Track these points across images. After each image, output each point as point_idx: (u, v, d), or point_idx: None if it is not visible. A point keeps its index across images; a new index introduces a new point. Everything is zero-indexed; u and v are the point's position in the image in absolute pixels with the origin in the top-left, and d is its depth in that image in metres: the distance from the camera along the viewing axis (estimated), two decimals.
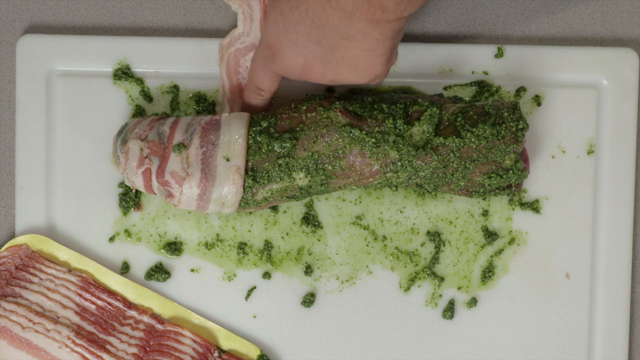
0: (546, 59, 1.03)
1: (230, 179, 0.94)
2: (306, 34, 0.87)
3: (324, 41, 0.87)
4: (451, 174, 0.96)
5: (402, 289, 1.03)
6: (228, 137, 0.95)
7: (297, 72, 0.90)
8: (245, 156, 0.95)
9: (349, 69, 0.89)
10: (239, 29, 1.01)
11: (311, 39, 0.87)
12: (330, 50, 0.88)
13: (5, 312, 0.99)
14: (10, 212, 1.05)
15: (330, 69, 0.89)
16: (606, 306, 1.03)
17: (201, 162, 0.95)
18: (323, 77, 0.90)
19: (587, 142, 1.03)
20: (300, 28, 0.87)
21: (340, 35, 0.86)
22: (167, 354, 1.00)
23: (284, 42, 0.89)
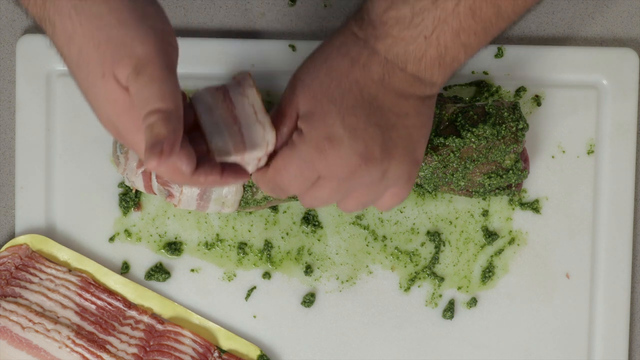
0: (546, 59, 1.03)
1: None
2: (365, 116, 0.82)
3: (382, 121, 0.82)
4: (451, 174, 0.96)
5: (402, 289, 1.03)
6: None
7: (353, 162, 0.82)
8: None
9: (400, 152, 0.84)
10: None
11: (370, 120, 0.82)
12: (387, 130, 0.82)
13: (5, 312, 0.99)
14: (10, 212, 1.05)
15: (386, 153, 0.83)
16: (606, 306, 1.03)
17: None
18: (380, 164, 0.83)
19: (587, 142, 1.03)
20: (359, 111, 0.81)
21: (396, 114, 0.82)
22: (167, 354, 1.00)
23: (343, 130, 0.82)
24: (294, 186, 0.85)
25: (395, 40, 0.80)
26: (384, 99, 0.82)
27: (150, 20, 0.77)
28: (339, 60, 0.82)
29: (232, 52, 1.03)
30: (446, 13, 0.79)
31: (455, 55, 0.81)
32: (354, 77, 0.82)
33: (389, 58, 0.81)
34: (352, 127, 0.82)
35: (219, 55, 1.03)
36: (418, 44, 0.80)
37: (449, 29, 0.79)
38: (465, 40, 0.80)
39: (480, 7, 0.78)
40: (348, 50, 0.82)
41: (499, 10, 0.79)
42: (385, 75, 0.81)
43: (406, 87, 0.82)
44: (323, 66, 0.83)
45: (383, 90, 0.82)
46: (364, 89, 0.82)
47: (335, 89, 0.82)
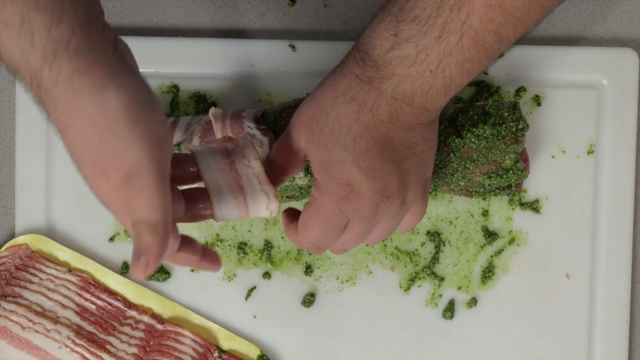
0: (546, 59, 1.03)
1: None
2: (379, 156, 0.83)
3: (395, 157, 0.84)
4: (451, 174, 0.96)
5: (402, 289, 1.03)
6: None
7: (376, 200, 0.85)
8: None
9: (414, 179, 0.86)
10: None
11: (384, 158, 0.84)
12: (401, 163, 0.85)
13: (5, 312, 0.99)
14: (10, 212, 1.05)
15: (403, 182, 0.85)
16: (606, 306, 1.03)
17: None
18: (399, 193, 0.85)
19: (587, 142, 1.03)
20: (372, 154, 0.83)
21: (406, 146, 0.84)
22: (167, 354, 1.00)
23: (361, 174, 0.84)
24: (325, 239, 0.87)
25: (402, 79, 0.81)
26: (394, 136, 0.84)
27: (144, 125, 0.75)
28: (346, 106, 0.83)
29: (232, 52, 1.03)
30: (450, 47, 0.80)
31: (460, 82, 0.82)
32: (364, 122, 0.83)
33: (395, 96, 0.82)
34: (369, 169, 0.84)
35: (219, 55, 1.03)
36: (425, 79, 0.81)
37: (454, 61, 0.80)
38: (469, 68, 0.81)
39: (483, 37, 0.79)
40: (355, 95, 0.83)
41: (500, 37, 0.80)
42: (394, 113, 0.83)
43: (414, 119, 0.83)
44: (331, 113, 0.84)
45: (393, 128, 0.83)
46: (374, 131, 0.83)
47: (346, 136, 0.83)
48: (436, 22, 0.79)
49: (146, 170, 0.74)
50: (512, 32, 0.80)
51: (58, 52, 0.72)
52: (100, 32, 0.75)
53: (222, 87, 1.03)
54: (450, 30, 0.79)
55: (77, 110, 0.74)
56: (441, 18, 0.79)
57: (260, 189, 0.84)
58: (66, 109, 0.74)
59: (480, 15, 0.78)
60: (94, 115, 0.74)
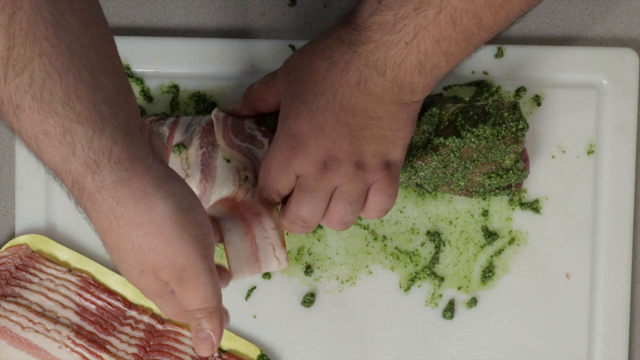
0: (546, 59, 1.03)
1: (231, 180, 0.94)
2: (335, 117, 0.85)
3: (353, 121, 0.86)
4: (451, 174, 0.96)
5: (402, 289, 1.03)
6: None
7: (322, 156, 0.87)
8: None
9: (372, 148, 0.87)
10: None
11: (340, 120, 0.86)
12: (358, 129, 0.86)
13: (5, 312, 0.99)
14: (10, 212, 1.05)
15: (357, 147, 0.87)
16: (606, 306, 1.03)
17: (201, 163, 0.95)
18: (350, 156, 0.87)
19: (587, 142, 1.03)
20: (327, 112, 0.85)
21: (369, 116, 0.86)
22: (167, 354, 1.00)
23: (310, 128, 0.86)
24: (279, 185, 0.89)
25: (377, 45, 0.82)
26: (356, 102, 0.85)
27: (193, 229, 0.78)
28: (321, 63, 0.86)
29: (232, 52, 1.03)
30: (427, 20, 0.80)
31: (436, 62, 0.82)
32: (330, 80, 0.85)
33: (369, 63, 0.83)
34: (320, 125, 0.86)
35: (219, 55, 1.03)
36: (399, 49, 0.82)
37: (430, 36, 0.81)
38: (446, 48, 0.82)
39: (460, 17, 0.80)
40: (331, 53, 0.85)
41: (480, 21, 0.80)
42: (362, 80, 0.84)
43: (382, 92, 0.84)
44: (307, 66, 0.86)
45: (357, 94, 0.85)
46: (337, 92, 0.85)
47: (310, 91, 0.86)
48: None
49: (198, 268, 0.78)
50: (492, 18, 0.80)
51: (100, 162, 0.73)
52: (139, 138, 0.75)
53: (222, 87, 1.03)
54: (429, 3, 0.80)
55: (122, 216, 0.75)
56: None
57: (273, 255, 0.91)
58: (109, 214, 0.75)
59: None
60: (140, 221, 0.76)
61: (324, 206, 0.89)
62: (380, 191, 0.89)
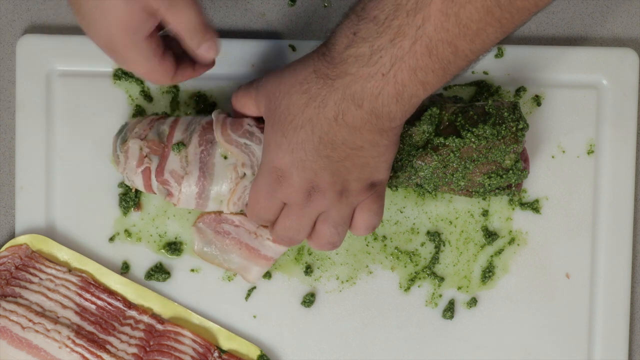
0: (546, 59, 1.03)
1: (228, 177, 0.95)
2: (315, 150, 0.86)
3: (334, 154, 0.86)
4: (451, 174, 0.96)
5: (402, 289, 1.03)
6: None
7: (305, 188, 0.88)
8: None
9: (355, 176, 0.88)
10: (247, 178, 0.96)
11: (320, 154, 0.86)
12: (339, 160, 0.87)
13: (5, 312, 0.99)
14: (10, 212, 1.05)
15: (339, 178, 0.88)
16: (606, 306, 1.03)
17: (200, 160, 0.95)
18: (333, 186, 0.88)
19: (587, 142, 1.03)
20: (307, 146, 0.86)
21: (349, 147, 0.86)
22: (167, 354, 1.00)
23: (292, 162, 0.87)
24: (266, 215, 0.92)
25: (354, 78, 0.83)
26: (336, 134, 0.85)
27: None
28: (299, 96, 0.86)
29: (232, 52, 1.03)
30: (403, 51, 0.81)
31: (413, 92, 0.83)
32: (308, 115, 0.85)
33: (345, 96, 0.83)
34: (300, 159, 0.87)
35: (219, 55, 1.02)
36: (376, 81, 0.82)
37: (406, 67, 0.81)
38: (422, 77, 0.82)
39: (436, 46, 0.80)
40: (309, 87, 0.85)
41: (456, 50, 0.81)
42: (340, 113, 0.84)
43: (361, 124, 0.85)
44: (285, 98, 0.87)
45: (336, 127, 0.85)
46: (315, 126, 0.85)
47: (289, 124, 0.86)
48: (392, 24, 0.80)
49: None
50: (468, 46, 0.81)
51: None
52: None
53: (222, 87, 1.03)
54: (404, 34, 0.80)
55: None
56: (397, 20, 0.80)
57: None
58: None
59: (435, 22, 0.79)
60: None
61: (309, 229, 0.92)
62: (366, 210, 0.91)
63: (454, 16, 0.79)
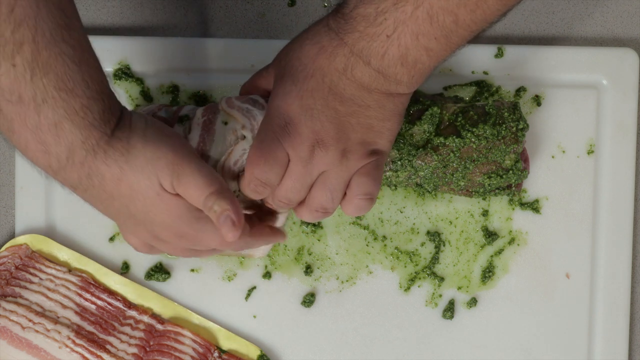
0: (546, 59, 1.03)
1: (227, 140, 0.93)
2: (324, 100, 0.87)
3: (342, 107, 0.87)
4: (451, 174, 0.96)
5: (402, 289, 1.03)
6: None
7: (311, 141, 0.88)
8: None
9: (358, 136, 0.88)
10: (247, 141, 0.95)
11: (329, 104, 0.87)
12: (346, 116, 0.87)
13: (5, 312, 0.99)
14: (10, 212, 1.05)
15: (344, 134, 0.88)
16: (606, 306, 1.03)
17: (202, 128, 0.94)
18: (337, 143, 0.88)
19: (587, 142, 1.03)
20: (317, 94, 0.87)
21: (357, 104, 0.87)
22: (167, 354, 1.00)
23: (300, 109, 0.87)
24: (269, 173, 0.89)
25: (361, 35, 0.84)
26: (344, 88, 0.86)
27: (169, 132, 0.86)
28: (310, 47, 0.87)
29: (232, 52, 1.03)
30: (405, 16, 0.82)
31: (417, 57, 0.84)
32: (319, 64, 0.87)
33: (354, 51, 0.85)
34: (309, 107, 0.87)
35: (219, 55, 1.03)
36: (381, 41, 0.84)
37: (409, 31, 0.83)
38: (425, 43, 0.83)
39: (437, 13, 0.82)
40: (320, 38, 0.87)
41: (457, 19, 0.82)
42: (349, 66, 0.86)
43: (369, 81, 0.86)
44: (297, 50, 0.88)
45: (345, 80, 0.86)
46: (326, 75, 0.86)
47: (300, 72, 0.87)
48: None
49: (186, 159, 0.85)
50: (469, 16, 0.82)
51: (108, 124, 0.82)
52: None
53: (222, 87, 1.03)
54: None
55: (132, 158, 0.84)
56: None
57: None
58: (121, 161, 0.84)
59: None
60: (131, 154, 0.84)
61: (307, 190, 0.91)
62: (364, 174, 0.89)
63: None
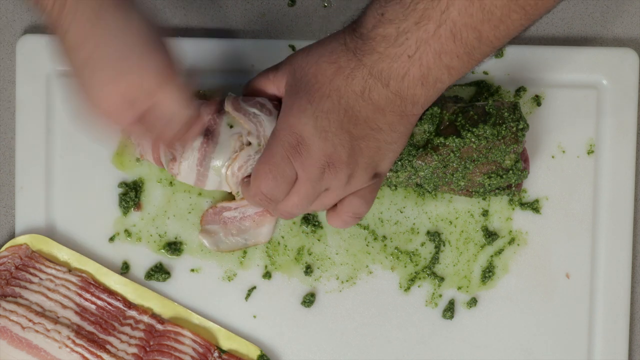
0: (546, 59, 1.03)
1: (232, 146, 0.93)
2: (339, 122, 0.85)
3: (355, 130, 0.86)
4: (451, 174, 0.96)
5: (402, 289, 1.03)
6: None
7: (322, 162, 0.87)
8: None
9: (365, 161, 0.88)
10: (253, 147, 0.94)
11: (343, 127, 0.86)
12: (357, 139, 0.86)
13: (5, 312, 0.99)
14: (10, 212, 1.05)
15: (353, 159, 0.87)
16: (606, 306, 1.03)
17: (206, 128, 0.93)
18: (346, 167, 0.87)
19: (587, 142, 1.03)
20: (332, 116, 0.85)
21: (370, 127, 0.86)
22: (167, 354, 1.00)
23: (315, 130, 0.86)
24: (275, 189, 0.88)
25: (381, 57, 0.83)
26: (360, 110, 0.85)
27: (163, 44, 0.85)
28: (327, 65, 0.86)
29: (232, 52, 1.03)
30: (428, 35, 0.81)
31: (438, 76, 0.83)
32: (336, 85, 0.85)
33: (373, 73, 0.84)
34: (324, 129, 0.86)
35: (219, 55, 1.03)
36: (402, 62, 0.83)
37: (431, 50, 0.82)
38: (447, 62, 0.82)
39: (460, 31, 0.80)
40: (338, 57, 0.86)
41: (480, 35, 0.81)
42: (367, 89, 0.84)
43: (385, 103, 0.85)
44: (313, 66, 0.87)
45: (361, 102, 0.85)
46: (342, 97, 0.85)
47: (316, 91, 0.86)
48: (417, 7, 0.81)
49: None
50: (492, 32, 0.81)
51: None
52: None
53: (222, 87, 1.03)
54: (429, 17, 0.80)
55: (101, 24, 0.81)
56: (422, 4, 0.81)
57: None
58: (88, 23, 0.80)
59: (459, 7, 0.80)
60: (117, 27, 0.81)
61: (309, 207, 0.91)
62: (359, 197, 0.90)
63: (477, 1, 0.79)
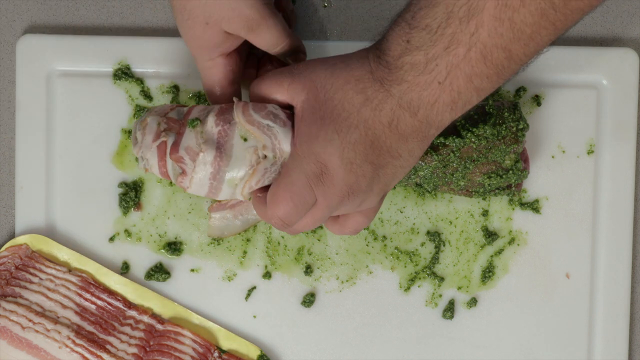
0: (546, 59, 1.03)
1: (247, 160, 0.90)
2: (364, 154, 0.84)
3: (377, 160, 0.85)
4: (451, 173, 0.96)
5: (402, 289, 1.03)
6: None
7: (344, 192, 0.86)
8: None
9: (380, 187, 0.87)
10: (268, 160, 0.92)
11: (368, 158, 0.85)
12: (378, 168, 0.85)
13: (5, 312, 0.99)
14: (10, 212, 1.05)
15: (370, 187, 0.86)
16: (606, 306, 1.03)
17: (217, 140, 0.90)
18: (362, 195, 0.86)
19: (587, 142, 1.03)
20: (358, 148, 0.84)
21: (391, 155, 0.85)
22: (167, 354, 1.00)
23: (340, 162, 0.85)
24: (294, 215, 0.87)
25: (410, 86, 0.81)
26: (385, 140, 0.84)
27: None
28: (355, 94, 0.84)
29: None
30: (458, 59, 0.79)
31: (468, 99, 0.82)
32: (364, 116, 0.84)
33: (402, 104, 0.82)
34: (349, 161, 0.84)
35: None
36: (432, 89, 0.81)
37: (462, 74, 0.80)
38: (478, 84, 0.81)
39: (491, 52, 0.79)
40: (365, 87, 0.84)
41: (510, 54, 0.79)
42: (394, 119, 0.83)
43: (410, 131, 0.84)
44: (339, 92, 0.85)
45: (388, 133, 0.84)
46: (369, 128, 0.84)
47: (343, 121, 0.84)
48: (445, 32, 0.79)
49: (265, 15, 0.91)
50: (522, 50, 0.79)
51: None
52: None
53: None
54: (458, 41, 0.79)
55: None
56: (450, 28, 0.79)
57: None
58: None
59: (488, 28, 0.78)
60: None
61: (317, 225, 0.90)
62: (364, 215, 0.90)
63: (507, 21, 0.78)
